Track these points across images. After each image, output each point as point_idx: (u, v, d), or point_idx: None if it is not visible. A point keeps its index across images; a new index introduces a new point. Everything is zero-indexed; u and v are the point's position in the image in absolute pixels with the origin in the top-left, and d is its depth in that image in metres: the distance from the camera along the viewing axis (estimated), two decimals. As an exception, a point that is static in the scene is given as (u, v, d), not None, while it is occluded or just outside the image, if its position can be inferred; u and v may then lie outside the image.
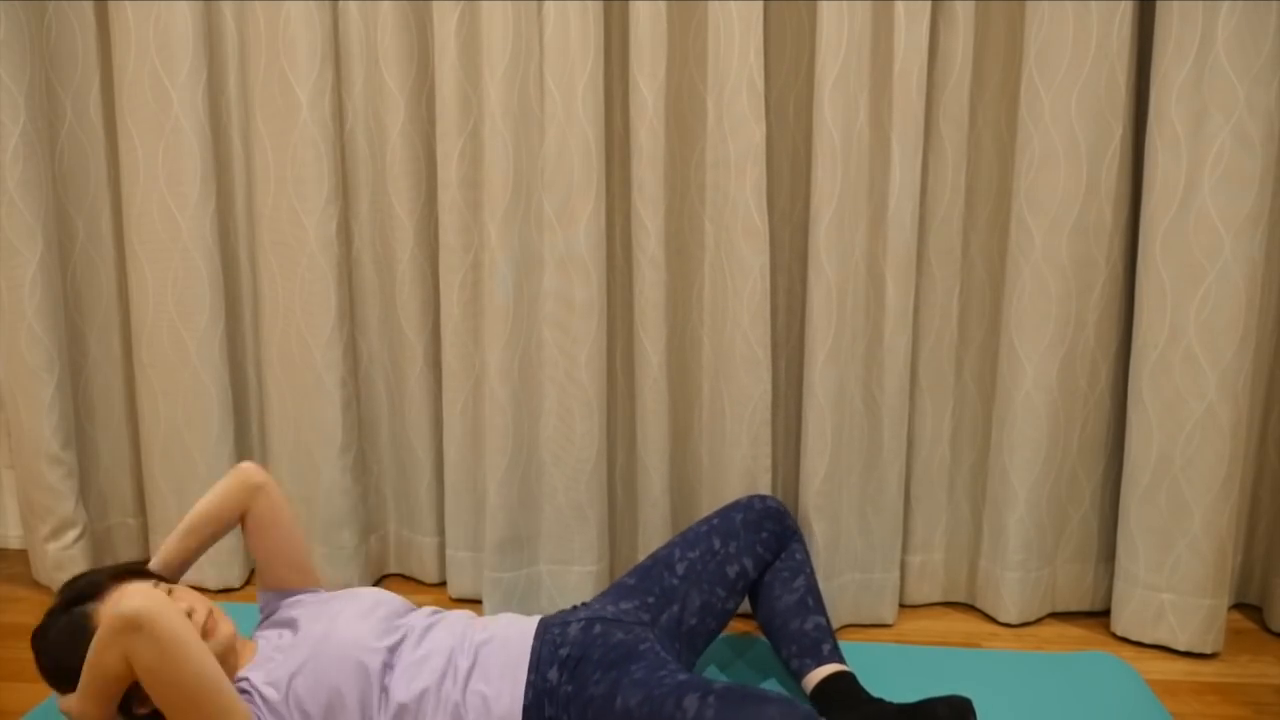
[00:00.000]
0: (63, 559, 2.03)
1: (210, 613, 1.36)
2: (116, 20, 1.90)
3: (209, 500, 1.50)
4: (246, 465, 1.53)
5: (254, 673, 1.35)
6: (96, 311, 2.09)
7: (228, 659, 1.37)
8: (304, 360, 1.98)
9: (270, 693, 1.32)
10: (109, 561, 2.18)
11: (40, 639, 1.35)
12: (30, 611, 2.00)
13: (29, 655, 1.82)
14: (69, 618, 1.33)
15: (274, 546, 1.53)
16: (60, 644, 1.32)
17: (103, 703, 1.26)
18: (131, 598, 1.19)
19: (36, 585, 2.11)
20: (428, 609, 1.51)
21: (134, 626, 1.18)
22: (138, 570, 1.42)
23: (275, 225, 1.95)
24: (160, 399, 2.02)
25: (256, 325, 2.08)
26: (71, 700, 1.29)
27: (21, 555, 2.26)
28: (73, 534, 2.04)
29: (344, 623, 1.38)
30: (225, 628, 1.37)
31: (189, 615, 1.33)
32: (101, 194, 2.05)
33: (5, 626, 1.94)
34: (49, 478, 2.00)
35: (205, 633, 1.34)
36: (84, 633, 1.31)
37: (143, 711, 1.32)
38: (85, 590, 1.35)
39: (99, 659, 1.22)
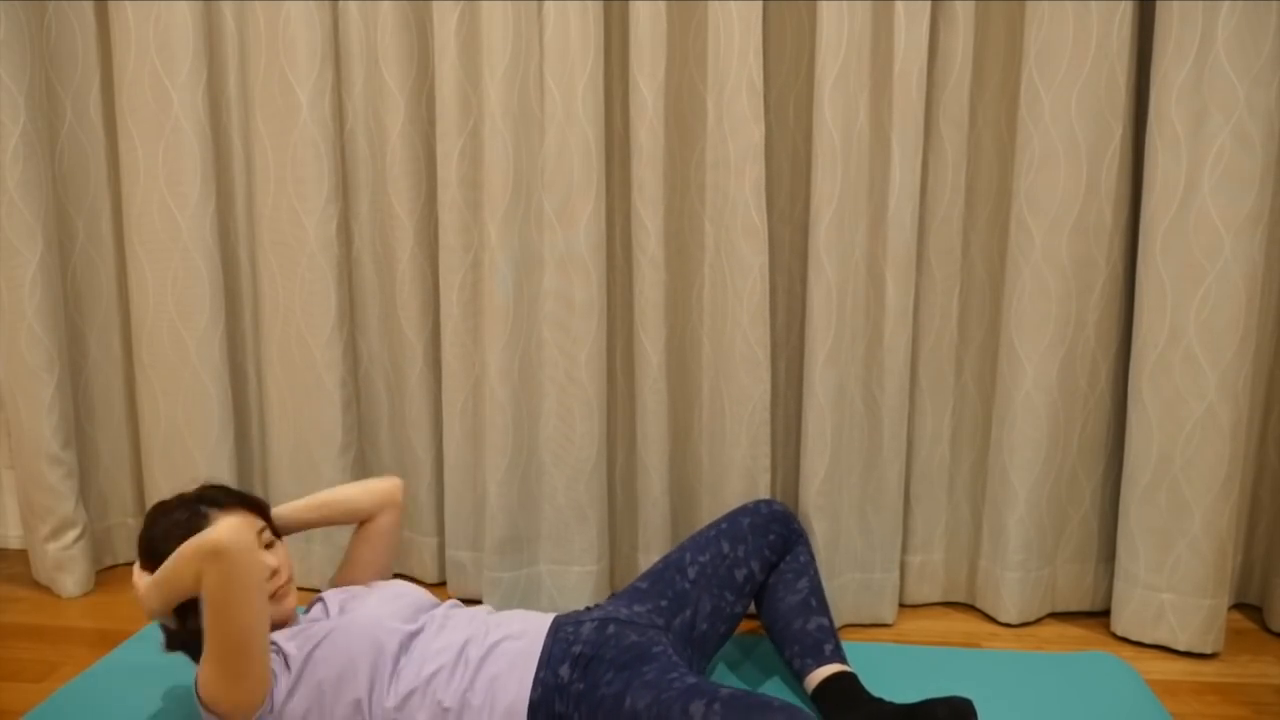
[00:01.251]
0: (63, 559, 2.04)
1: (290, 580, 1.47)
2: (116, 20, 1.90)
3: (354, 492, 1.61)
4: (398, 482, 1.65)
5: (285, 640, 1.41)
6: (96, 311, 2.09)
7: (285, 622, 1.48)
8: (304, 360, 1.98)
9: (295, 662, 1.38)
10: (109, 562, 2.19)
11: (155, 515, 1.44)
12: (30, 611, 2.00)
13: (29, 655, 1.82)
14: (190, 511, 1.42)
15: (372, 558, 1.64)
16: (168, 528, 1.41)
17: (164, 599, 1.35)
18: (224, 528, 1.27)
19: (36, 585, 2.11)
20: (449, 603, 1.54)
21: (216, 554, 1.26)
22: (262, 507, 1.51)
23: (275, 225, 1.95)
24: (160, 399, 2.02)
25: (256, 325, 2.08)
26: (144, 580, 1.39)
27: (21, 555, 2.26)
28: (73, 534, 2.04)
29: (370, 604, 1.45)
30: (291, 601, 1.47)
31: (274, 574, 1.44)
32: (101, 194, 2.05)
33: (5, 626, 1.94)
34: (49, 478, 2.00)
35: (278, 595, 1.45)
36: (195, 528, 1.40)
37: (194, 625, 1.39)
38: (216, 497, 1.45)
39: (176, 567, 1.31)
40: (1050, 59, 1.72)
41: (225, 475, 2.04)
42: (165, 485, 2.05)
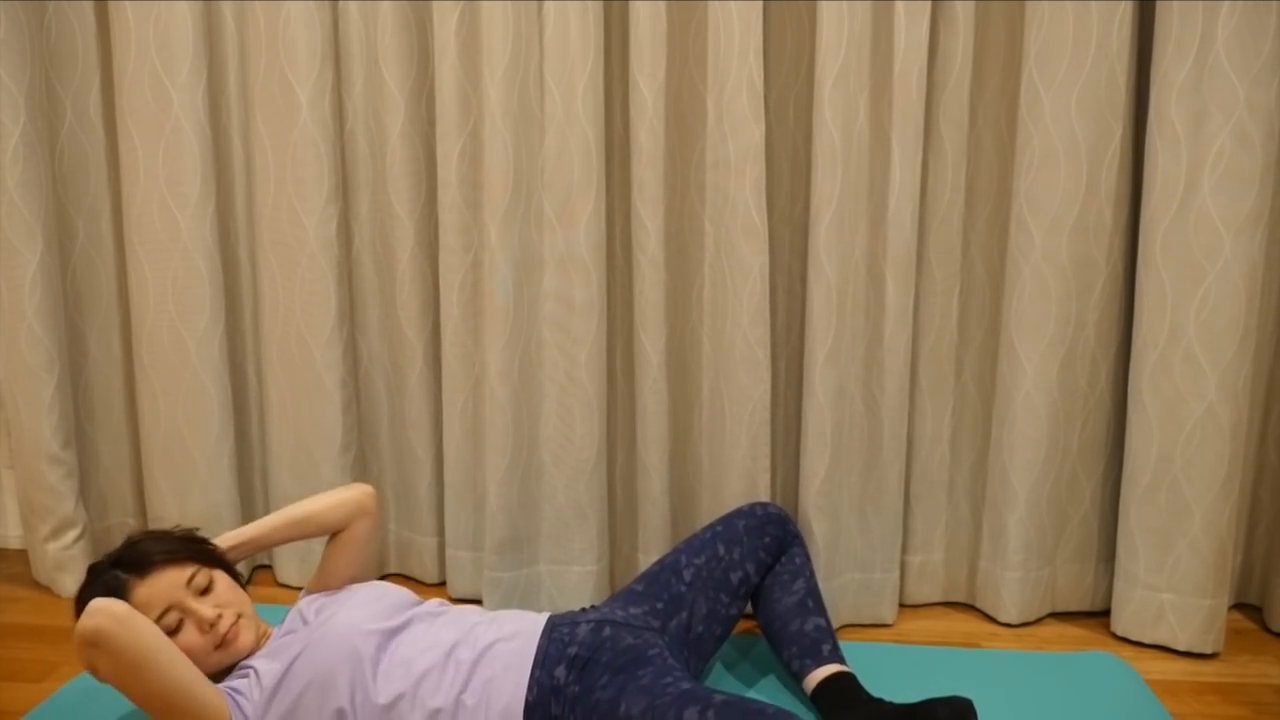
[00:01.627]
0: (63, 559, 2.04)
1: (236, 620, 1.41)
2: (116, 20, 1.90)
3: (322, 505, 1.56)
4: (369, 489, 1.60)
5: (259, 660, 1.39)
6: (96, 311, 2.09)
7: (240, 660, 1.42)
8: (304, 360, 1.98)
9: (269, 679, 1.35)
10: (109, 561, 2.19)
11: (84, 584, 1.41)
12: (30, 611, 2.00)
13: (29, 655, 1.82)
14: (106, 582, 1.38)
15: (347, 567, 1.58)
16: (90, 600, 1.37)
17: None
18: (89, 615, 1.23)
19: (36, 585, 2.11)
20: (435, 601, 1.52)
21: (91, 643, 1.23)
22: (196, 551, 1.45)
23: (275, 225, 1.95)
24: (160, 399, 2.02)
25: (256, 325, 2.08)
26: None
27: (21, 555, 2.26)
28: (73, 534, 2.03)
29: (345, 609, 1.41)
30: (246, 638, 1.42)
31: (212, 625, 1.38)
32: (101, 194, 2.05)
33: (5, 626, 1.94)
34: (49, 478, 2.00)
35: (224, 641, 1.39)
36: (118, 596, 1.36)
37: None
38: (135, 559, 1.40)
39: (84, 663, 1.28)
40: (1050, 59, 1.72)
41: (225, 475, 2.04)
42: (165, 485, 2.05)
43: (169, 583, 1.38)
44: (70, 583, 2.04)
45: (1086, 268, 1.79)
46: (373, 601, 1.44)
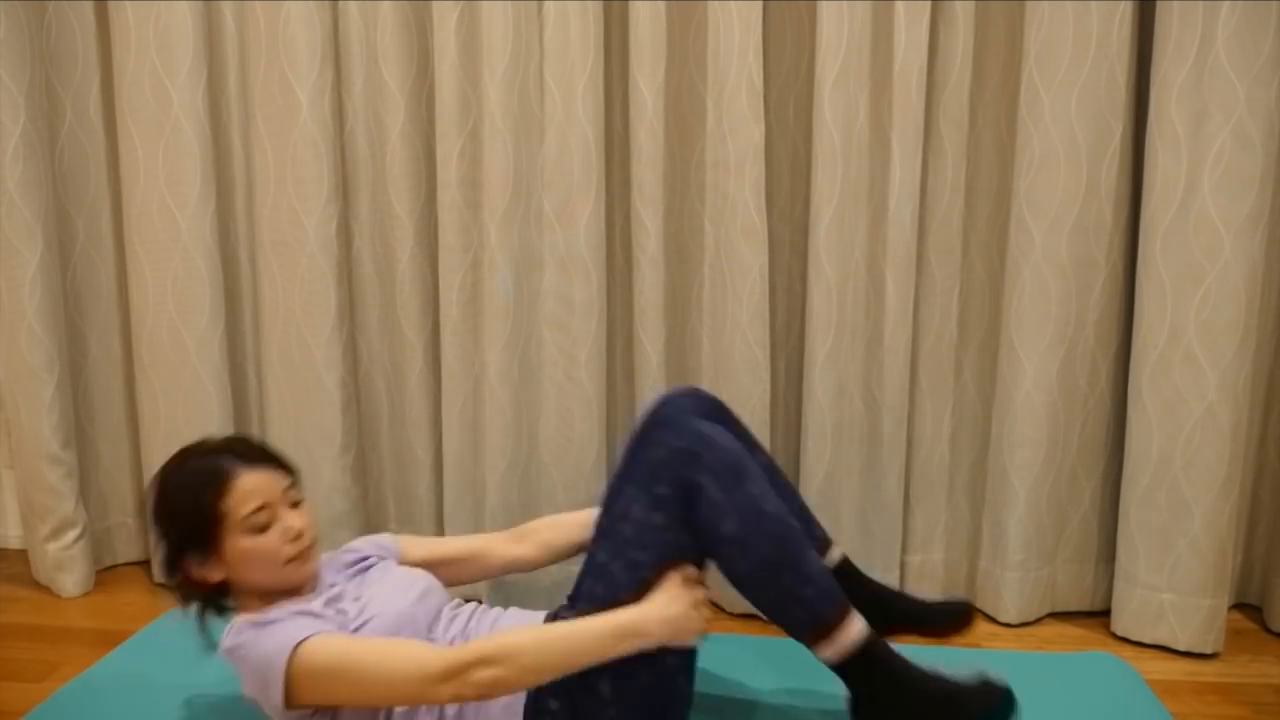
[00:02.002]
0: (63, 559, 2.04)
1: (314, 543, 1.39)
2: (116, 20, 1.90)
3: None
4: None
5: (316, 604, 1.36)
6: (96, 311, 2.09)
7: (303, 586, 1.40)
8: (304, 360, 1.98)
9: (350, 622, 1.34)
10: (109, 562, 2.19)
11: (170, 469, 1.36)
12: (30, 611, 2.00)
13: (29, 655, 1.82)
14: (218, 459, 1.34)
15: (464, 574, 1.61)
16: (187, 485, 1.34)
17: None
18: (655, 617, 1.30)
19: (36, 585, 2.11)
20: (453, 600, 1.52)
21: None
22: (287, 466, 1.42)
23: (275, 225, 1.95)
24: (160, 399, 2.02)
25: (256, 325, 2.08)
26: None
27: (21, 555, 2.26)
28: (73, 534, 2.04)
29: (390, 595, 1.40)
30: (312, 566, 1.40)
31: (297, 536, 1.36)
32: (101, 194, 2.05)
33: (5, 626, 1.94)
34: (49, 478, 2.00)
35: (300, 556, 1.36)
36: (218, 480, 1.32)
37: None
38: (245, 449, 1.37)
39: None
40: (1050, 59, 1.72)
41: (225, 475, 2.04)
42: (165, 485, 2.05)
43: (271, 480, 1.36)
44: (70, 583, 2.04)
45: (1086, 267, 1.79)
46: (408, 588, 1.43)
